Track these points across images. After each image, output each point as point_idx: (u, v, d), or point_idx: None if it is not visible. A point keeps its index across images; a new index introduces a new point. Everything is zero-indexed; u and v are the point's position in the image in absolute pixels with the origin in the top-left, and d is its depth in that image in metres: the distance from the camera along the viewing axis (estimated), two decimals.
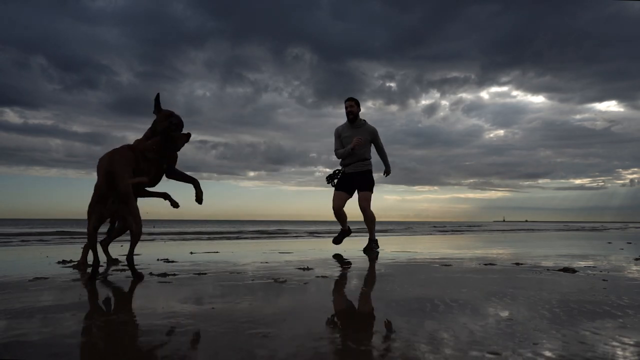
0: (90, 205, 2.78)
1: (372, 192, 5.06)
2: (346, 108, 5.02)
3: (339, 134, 5.13)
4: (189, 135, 3.30)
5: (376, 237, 5.23)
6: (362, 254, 4.85)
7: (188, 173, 3.55)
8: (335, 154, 5.22)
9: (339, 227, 5.46)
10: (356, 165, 5.04)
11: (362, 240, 5.42)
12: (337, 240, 5.48)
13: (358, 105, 5.07)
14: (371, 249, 5.09)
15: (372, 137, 5.11)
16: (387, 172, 5.38)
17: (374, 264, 3.97)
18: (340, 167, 5.21)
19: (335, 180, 5.18)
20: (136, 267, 2.85)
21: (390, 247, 6.03)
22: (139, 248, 6.19)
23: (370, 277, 3.19)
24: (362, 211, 5.04)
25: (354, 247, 5.78)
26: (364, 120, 5.12)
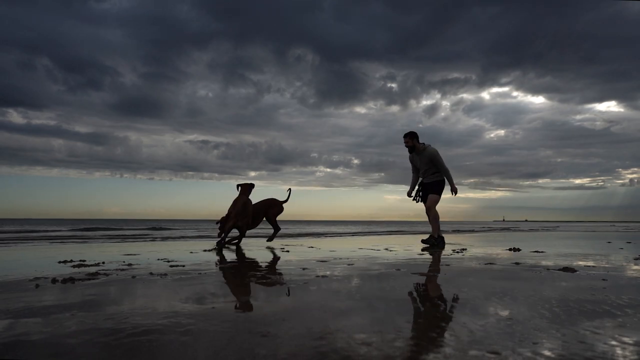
0: None
1: (439, 196, 6.01)
2: (405, 144, 6.09)
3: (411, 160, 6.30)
4: None
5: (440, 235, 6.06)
6: (363, 252, 4.86)
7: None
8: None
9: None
10: (430, 177, 6.11)
11: (357, 240, 5.42)
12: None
13: (412, 139, 6.05)
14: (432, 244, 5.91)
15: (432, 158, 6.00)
16: (452, 191, 6.13)
17: (374, 264, 3.98)
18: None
19: (420, 194, 6.22)
20: (134, 267, 2.86)
21: (395, 246, 6.04)
22: (139, 248, 6.19)
23: (370, 277, 3.19)
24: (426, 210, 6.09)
25: (353, 246, 5.79)
26: (424, 145, 6.02)
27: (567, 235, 12.22)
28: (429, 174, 6.05)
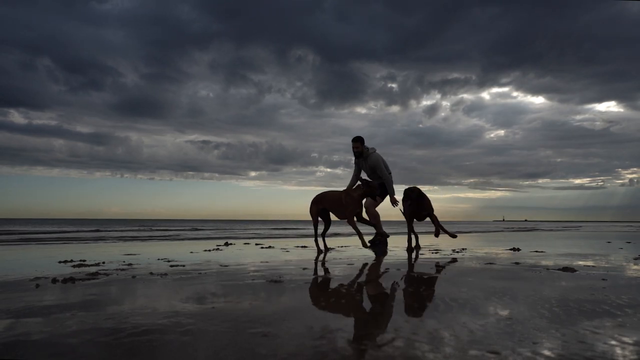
0: None
1: (381, 199, 6.04)
2: (353, 149, 6.11)
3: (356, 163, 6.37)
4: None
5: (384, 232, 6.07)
6: (362, 252, 4.86)
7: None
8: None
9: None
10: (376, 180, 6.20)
11: (357, 240, 5.42)
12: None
13: (362, 144, 6.10)
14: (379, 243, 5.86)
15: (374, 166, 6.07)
16: (392, 202, 6.15)
17: (374, 263, 3.98)
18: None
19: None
20: (135, 266, 2.86)
21: (395, 246, 6.04)
22: (139, 248, 6.20)
23: (370, 276, 3.19)
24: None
25: (353, 246, 5.78)
26: (368, 151, 6.08)
27: (568, 235, 12.23)
28: (374, 178, 6.14)
